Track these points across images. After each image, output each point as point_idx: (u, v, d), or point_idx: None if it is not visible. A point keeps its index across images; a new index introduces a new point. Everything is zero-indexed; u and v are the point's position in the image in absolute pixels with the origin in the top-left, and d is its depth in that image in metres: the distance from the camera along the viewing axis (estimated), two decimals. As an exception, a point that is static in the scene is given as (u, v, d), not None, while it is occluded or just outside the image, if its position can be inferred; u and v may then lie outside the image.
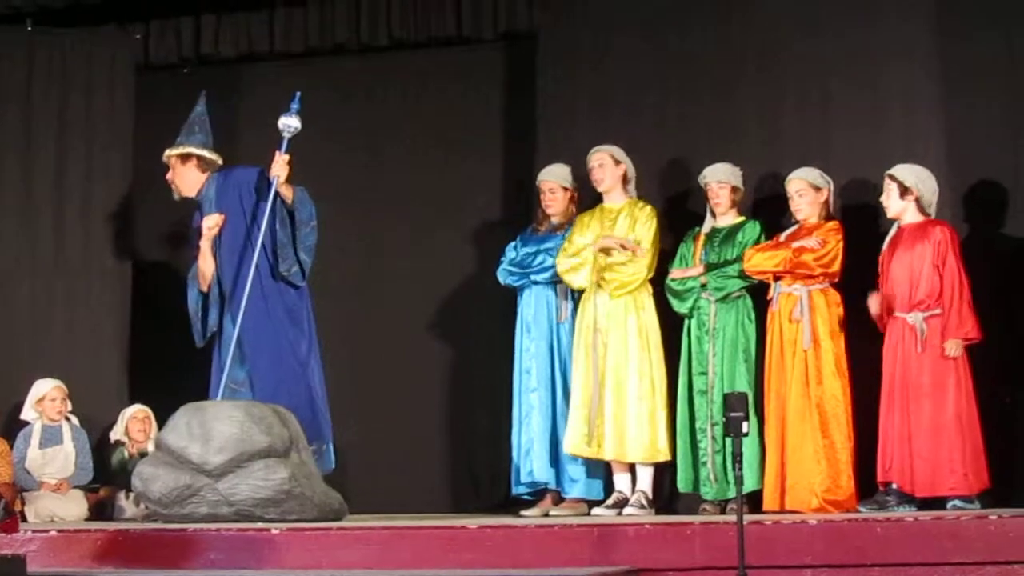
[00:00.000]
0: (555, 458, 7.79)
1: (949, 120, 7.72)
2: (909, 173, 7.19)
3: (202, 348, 7.69)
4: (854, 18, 7.95)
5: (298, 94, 7.56)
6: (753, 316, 7.52)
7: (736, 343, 7.47)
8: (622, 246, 7.64)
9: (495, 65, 9.10)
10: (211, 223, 7.58)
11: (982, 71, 7.74)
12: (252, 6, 9.23)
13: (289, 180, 7.52)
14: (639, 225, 7.71)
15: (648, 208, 7.77)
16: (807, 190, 7.43)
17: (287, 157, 7.45)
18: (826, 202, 7.45)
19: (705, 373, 7.48)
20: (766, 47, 8.10)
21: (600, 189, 7.85)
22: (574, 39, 8.58)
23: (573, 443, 7.63)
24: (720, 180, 7.61)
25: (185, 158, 7.72)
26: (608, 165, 7.80)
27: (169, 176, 7.76)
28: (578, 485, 7.75)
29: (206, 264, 7.62)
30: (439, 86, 9.13)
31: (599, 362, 7.61)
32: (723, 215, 7.65)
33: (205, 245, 7.61)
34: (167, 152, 7.76)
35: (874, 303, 7.18)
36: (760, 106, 8.09)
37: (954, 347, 6.96)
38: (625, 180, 7.83)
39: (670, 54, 8.32)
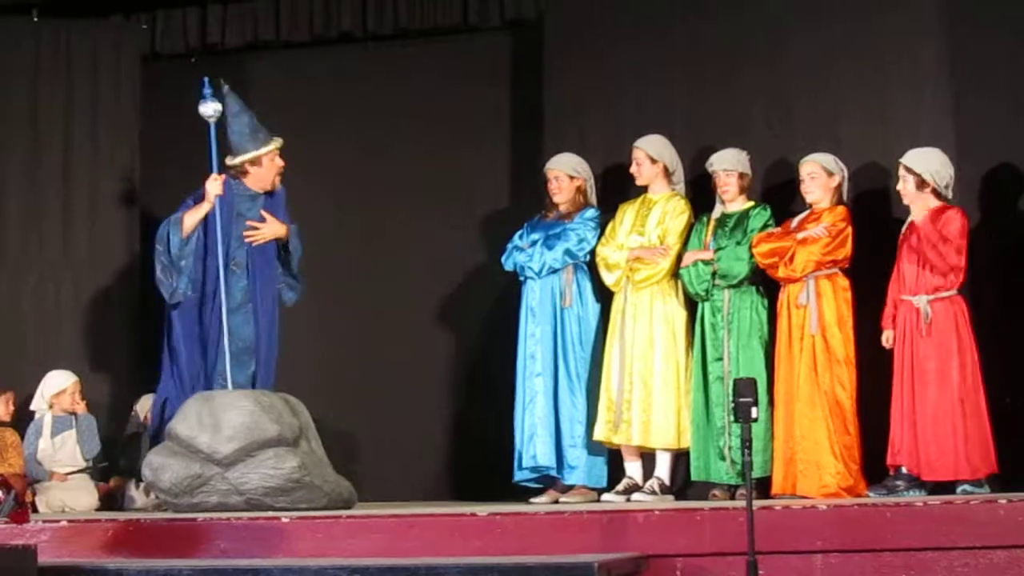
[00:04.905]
0: (557, 444, 7.81)
1: (958, 106, 7.69)
2: (924, 165, 7.14)
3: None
4: (862, 4, 7.94)
5: (206, 79, 7.63)
6: (766, 302, 7.52)
7: (751, 329, 7.47)
8: (656, 254, 7.68)
9: (501, 53, 9.09)
10: (218, 190, 7.57)
11: (991, 57, 7.71)
12: (257, -5, 9.25)
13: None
14: (669, 218, 7.75)
15: (682, 202, 7.80)
16: (819, 173, 7.44)
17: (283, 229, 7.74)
18: (838, 188, 7.45)
19: (721, 359, 7.48)
20: (775, 33, 8.07)
21: (638, 183, 7.88)
22: (580, 26, 8.56)
23: (600, 431, 7.66)
24: (727, 168, 7.62)
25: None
26: (644, 163, 7.84)
27: (283, 165, 7.78)
28: (577, 472, 7.77)
29: (195, 220, 7.58)
30: (445, 75, 9.11)
31: (626, 350, 7.63)
32: (732, 201, 7.65)
33: (207, 206, 7.58)
34: (280, 143, 7.77)
35: None
36: (769, 92, 8.06)
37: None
38: (667, 173, 7.84)
39: (677, 40, 8.30)
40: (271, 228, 7.71)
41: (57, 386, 8.35)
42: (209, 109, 7.62)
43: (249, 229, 7.68)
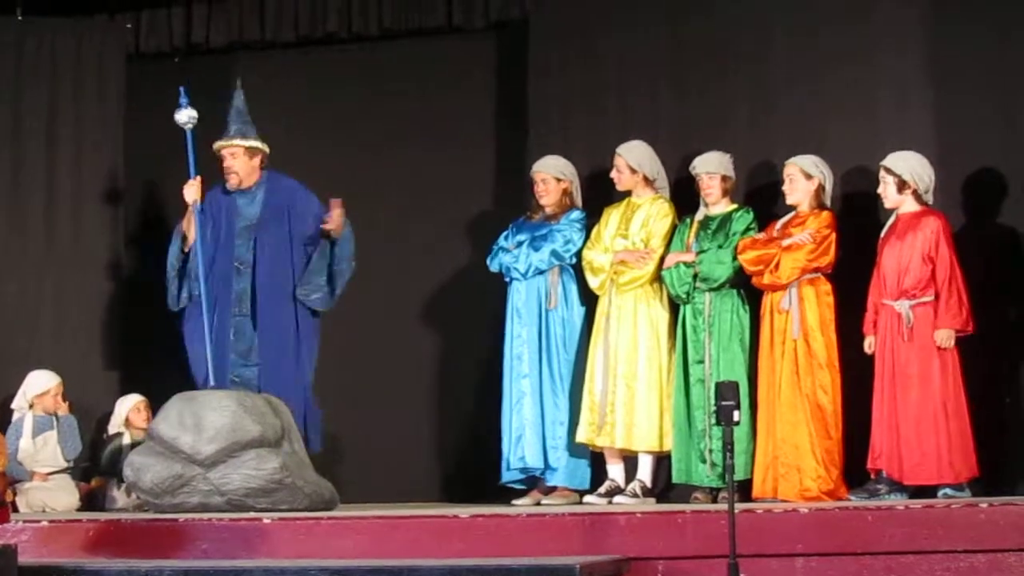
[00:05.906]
0: (543, 445, 7.82)
1: (941, 109, 7.72)
2: (905, 166, 7.18)
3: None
4: (847, 7, 7.95)
5: (182, 88, 7.70)
6: (748, 306, 7.53)
7: (732, 332, 7.48)
8: (640, 257, 7.69)
9: (486, 54, 9.08)
10: (193, 196, 7.70)
11: (974, 60, 7.73)
12: (242, -6, 9.24)
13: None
14: (653, 221, 7.76)
15: (666, 205, 7.82)
16: (797, 175, 7.46)
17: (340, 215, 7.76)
18: (818, 191, 7.46)
19: (702, 362, 7.49)
20: (759, 35, 8.10)
21: (619, 189, 7.90)
22: (565, 27, 8.57)
23: (583, 433, 7.66)
24: (710, 171, 7.64)
25: (253, 152, 7.86)
26: (625, 172, 7.85)
27: (229, 164, 7.82)
28: (559, 473, 7.78)
29: (190, 229, 7.73)
30: (430, 76, 9.10)
31: (610, 352, 7.63)
32: (715, 204, 7.66)
33: (190, 212, 7.72)
34: (236, 141, 7.82)
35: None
36: (753, 94, 8.09)
37: (945, 337, 6.97)
38: (647, 182, 7.85)
39: (662, 42, 8.32)
40: (339, 216, 7.78)
41: (40, 387, 8.32)
42: (184, 116, 7.68)
43: (243, 224, 7.76)
